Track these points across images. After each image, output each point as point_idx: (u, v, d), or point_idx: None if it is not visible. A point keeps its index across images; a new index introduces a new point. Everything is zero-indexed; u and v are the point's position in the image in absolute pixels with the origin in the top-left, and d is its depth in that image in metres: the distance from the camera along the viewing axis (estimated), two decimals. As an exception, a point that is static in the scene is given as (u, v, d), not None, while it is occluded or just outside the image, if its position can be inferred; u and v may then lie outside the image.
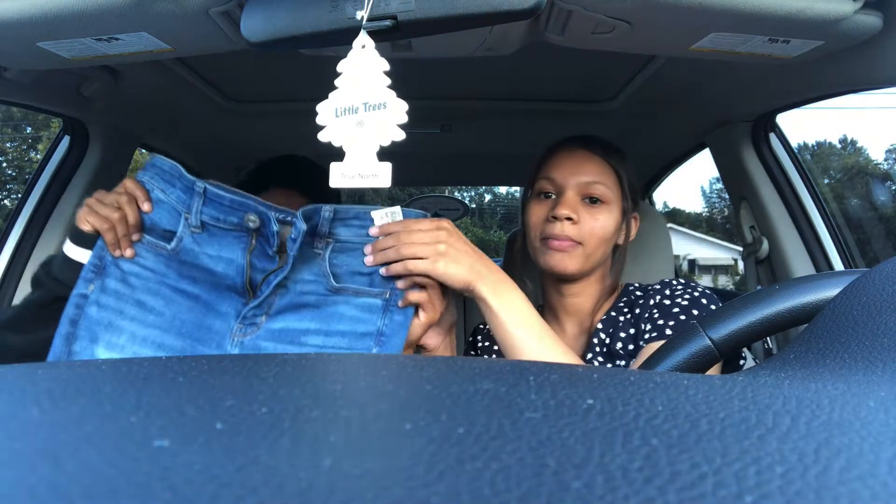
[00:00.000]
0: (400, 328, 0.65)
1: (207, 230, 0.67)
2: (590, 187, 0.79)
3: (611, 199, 0.80)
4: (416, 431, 0.16)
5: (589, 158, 0.81)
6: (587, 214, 0.79)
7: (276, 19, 0.55)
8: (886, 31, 0.62)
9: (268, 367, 0.23)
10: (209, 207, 0.66)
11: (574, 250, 0.78)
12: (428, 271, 0.63)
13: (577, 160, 0.81)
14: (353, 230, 0.67)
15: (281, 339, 0.65)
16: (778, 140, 1.14)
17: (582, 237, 0.78)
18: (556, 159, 0.83)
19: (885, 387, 0.21)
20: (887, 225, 8.14)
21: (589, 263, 0.80)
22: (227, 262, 0.67)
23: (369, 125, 0.54)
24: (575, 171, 0.80)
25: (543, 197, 0.83)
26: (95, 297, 0.64)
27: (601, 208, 0.80)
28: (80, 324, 0.63)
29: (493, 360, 0.27)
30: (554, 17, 0.65)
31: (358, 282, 0.67)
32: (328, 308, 0.66)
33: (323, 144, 0.55)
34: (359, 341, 0.65)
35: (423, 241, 0.64)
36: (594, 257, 0.80)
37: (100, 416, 0.17)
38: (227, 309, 0.66)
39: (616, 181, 0.81)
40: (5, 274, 1.08)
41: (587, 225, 0.78)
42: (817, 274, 0.37)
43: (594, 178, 0.80)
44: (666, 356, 0.38)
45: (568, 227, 0.78)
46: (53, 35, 0.63)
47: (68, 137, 1.15)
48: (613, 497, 0.12)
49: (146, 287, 0.65)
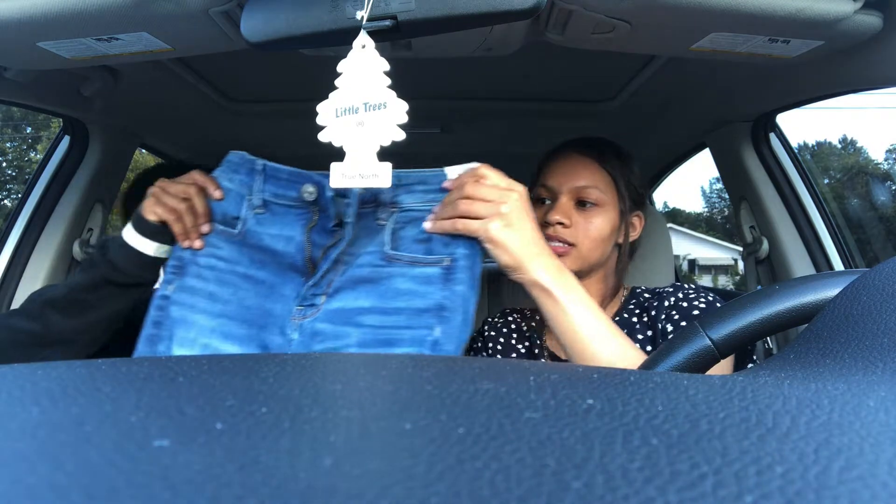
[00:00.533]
0: (464, 302, 0.58)
1: (269, 209, 0.66)
2: (582, 192, 0.81)
3: (605, 202, 0.82)
4: (416, 431, 0.16)
5: (582, 163, 0.83)
6: (581, 218, 0.81)
7: (276, 19, 0.55)
8: (886, 31, 0.62)
9: (268, 367, 0.23)
10: (269, 184, 0.66)
11: (568, 253, 0.80)
12: (478, 233, 0.57)
13: (571, 165, 0.83)
14: (418, 196, 0.63)
15: (337, 320, 0.61)
16: (778, 140, 1.14)
17: (576, 239, 0.80)
18: (551, 165, 0.85)
19: (885, 387, 0.21)
20: (887, 225, 8.14)
21: (586, 264, 0.81)
22: (288, 240, 0.65)
23: (369, 125, 0.54)
24: (568, 177, 0.82)
25: (541, 203, 0.85)
26: (176, 296, 0.63)
27: (595, 211, 0.81)
28: (163, 325, 0.62)
29: (493, 359, 0.27)
30: (554, 17, 0.65)
31: (414, 249, 0.61)
32: (384, 283, 0.61)
33: (323, 144, 0.55)
34: (418, 318, 0.58)
35: (488, 197, 0.58)
36: (591, 258, 0.81)
37: (100, 416, 0.17)
38: (289, 292, 0.64)
39: (611, 184, 0.83)
40: (5, 274, 1.08)
41: (581, 228, 0.80)
42: (817, 274, 0.37)
43: (586, 182, 0.81)
44: (666, 356, 0.38)
45: (560, 230, 0.80)
46: (53, 35, 0.63)
47: (68, 137, 1.15)
48: (613, 497, 0.12)
49: (218, 278, 0.64)
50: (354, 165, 0.55)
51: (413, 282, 0.60)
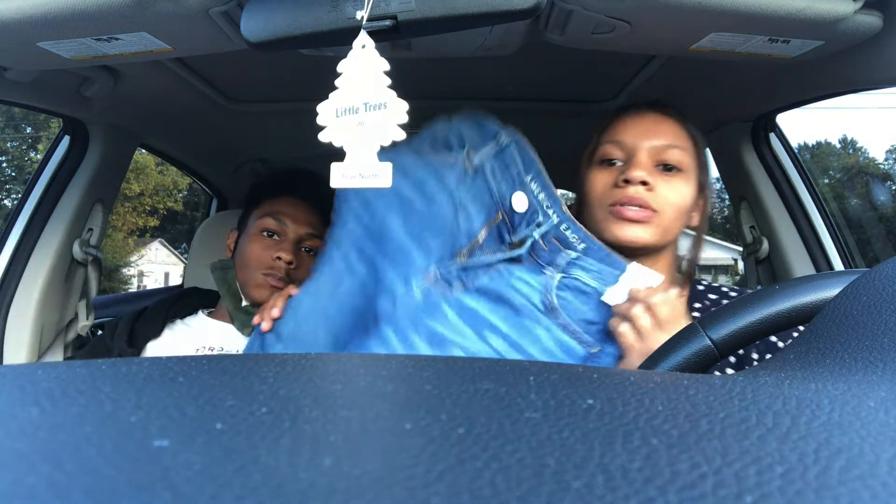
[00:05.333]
0: None
1: (477, 173, 0.63)
2: (665, 152, 0.69)
3: (688, 167, 0.70)
4: (416, 431, 0.16)
5: (662, 121, 0.72)
6: (662, 182, 0.69)
7: (276, 19, 0.55)
8: (886, 31, 0.62)
9: (268, 367, 0.23)
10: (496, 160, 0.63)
11: (650, 220, 0.67)
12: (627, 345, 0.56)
13: (650, 122, 0.72)
14: (593, 272, 0.61)
15: (465, 317, 0.59)
16: (778, 140, 1.14)
17: (660, 205, 0.68)
18: (625, 121, 0.74)
19: (885, 387, 0.21)
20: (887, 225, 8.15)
21: (664, 238, 0.69)
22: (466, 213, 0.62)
23: (370, 125, 0.54)
24: (647, 134, 0.71)
25: (608, 164, 0.72)
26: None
27: (678, 176, 0.69)
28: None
29: (493, 359, 0.27)
30: (554, 17, 0.65)
31: (576, 317, 0.60)
32: (528, 322, 0.59)
33: (323, 144, 0.55)
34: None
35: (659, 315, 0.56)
36: (670, 231, 0.69)
37: (100, 416, 0.17)
38: (435, 246, 0.61)
39: (692, 149, 0.72)
40: (5, 274, 1.08)
41: (662, 192, 0.68)
42: (817, 274, 0.37)
43: (669, 140, 0.70)
44: (666, 356, 0.38)
45: (644, 191, 0.67)
46: (53, 35, 0.63)
47: (68, 137, 1.15)
48: (613, 497, 0.12)
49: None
50: (355, 165, 0.55)
51: (555, 343, 0.58)
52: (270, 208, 0.95)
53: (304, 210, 0.95)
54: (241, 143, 1.49)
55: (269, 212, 0.94)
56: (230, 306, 0.93)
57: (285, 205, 0.95)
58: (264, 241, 0.92)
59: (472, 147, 0.64)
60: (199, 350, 0.91)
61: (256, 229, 0.94)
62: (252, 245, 0.92)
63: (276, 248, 0.91)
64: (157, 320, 0.94)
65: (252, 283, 0.91)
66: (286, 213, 0.94)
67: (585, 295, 0.61)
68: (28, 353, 1.03)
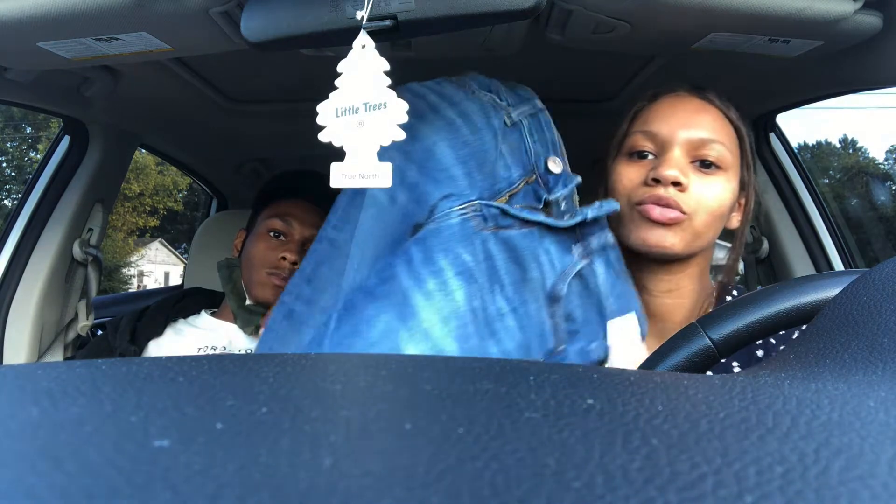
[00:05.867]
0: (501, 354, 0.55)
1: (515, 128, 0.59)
2: (703, 147, 0.62)
3: (729, 165, 0.63)
4: (416, 431, 0.16)
5: (704, 109, 0.64)
6: (698, 181, 0.62)
7: (276, 19, 0.55)
8: (886, 31, 0.62)
9: (268, 367, 0.23)
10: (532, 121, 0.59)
11: (680, 224, 0.61)
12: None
13: (689, 111, 0.64)
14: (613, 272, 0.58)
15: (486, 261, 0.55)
16: (778, 140, 1.14)
17: (691, 207, 0.61)
18: (658, 109, 0.66)
19: (885, 387, 0.21)
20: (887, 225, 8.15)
21: (696, 244, 0.63)
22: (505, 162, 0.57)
23: (370, 125, 0.54)
24: (684, 124, 0.63)
25: (637, 157, 0.65)
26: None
27: (717, 175, 0.62)
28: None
29: (493, 359, 0.27)
30: (554, 17, 0.65)
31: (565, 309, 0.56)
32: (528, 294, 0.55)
33: (323, 144, 0.55)
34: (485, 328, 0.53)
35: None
36: (704, 237, 0.63)
37: (100, 416, 0.17)
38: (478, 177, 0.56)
39: (736, 142, 0.65)
40: (5, 274, 1.08)
41: (696, 193, 0.61)
42: (817, 274, 0.37)
43: (710, 134, 0.62)
44: (666, 356, 0.38)
45: (675, 192, 0.61)
46: (53, 35, 0.63)
47: (68, 137, 1.15)
48: (613, 497, 0.12)
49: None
50: (355, 165, 0.55)
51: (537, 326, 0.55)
52: (278, 209, 0.96)
53: (311, 212, 0.96)
54: (241, 143, 1.49)
55: (277, 213, 0.96)
56: (234, 304, 0.94)
57: (292, 206, 0.97)
58: (270, 241, 0.94)
59: (510, 104, 0.60)
60: (201, 349, 0.92)
61: (263, 229, 0.95)
62: (258, 244, 0.94)
63: (282, 249, 0.92)
64: (160, 319, 0.94)
65: (256, 281, 0.92)
66: (293, 214, 0.95)
67: (587, 291, 0.58)
68: (28, 353, 1.03)
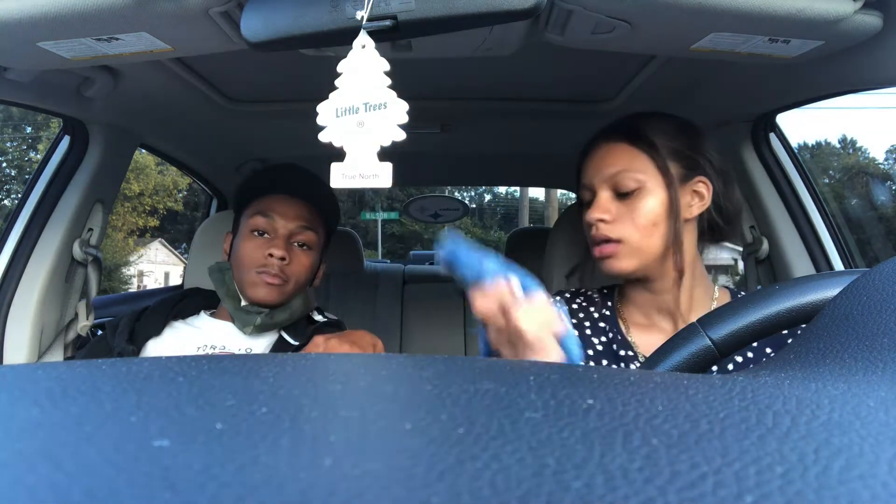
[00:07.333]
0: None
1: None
2: (616, 180, 0.74)
3: (646, 184, 0.73)
4: (416, 431, 0.16)
5: (612, 149, 0.76)
6: (624, 208, 0.74)
7: (276, 19, 0.55)
8: (886, 31, 0.62)
9: (268, 367, 0.23)
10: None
11: (617, 252, 0.73)
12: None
13: (601, 155, 0.77)
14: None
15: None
16: (778, 140, 1.14)
17: (621, 233, 0.73)
18: (585, 161, 0.80)
19: (885, 387, 0.21)
20: (887, 225, 8.14)
21: (646, 258, 0.73)
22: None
23: (370, 125, 0.54)
24: (599, 167, 0.76)
25: (586, 206, 0.78)
26: None
27: (637, 196, 0.73)
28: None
29: (493, 360, 0.27)
30: (554, 17, 0.65)
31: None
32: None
33: (323, 144, 0.55)
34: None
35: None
36: (647, 249, 0.73)
37: (100, 416, 0.17)
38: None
39: (648, 161, 0.74)
40: (5, 274, 1.08)
41: (625, 219, 0.73)
42: (817, 274, 0.37)
43: (618, 167, 0.74)
44: (666, 356, 0.38)
45: (603, 227, 0.73)
46: (53, 35, 0.63)
47: (68, 137, 1.15)
48: (613, 497, 0.12)
49: None
50: (355, 165, 0.55)
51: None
52: (259, 207, 0.95)
53: (292, 205, 0.96)
54: (241, 143, 1.49)
55: (258, 210, 0.95)
56: (230, 307, 0.93)
57: (273, 202, 0.96)
58: (256, 240, 0.93)
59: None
60: (200, 349, 0.92)
61: (248, 229, 0.95)
62: (245, 245, 0.93)
63: (268, 246, 0.92)
64: (159, 319, 0.94)
65: (248, 282, 0.92)
66: (274, 209, 0.95)
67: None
68: (28, 353, 1.03)
